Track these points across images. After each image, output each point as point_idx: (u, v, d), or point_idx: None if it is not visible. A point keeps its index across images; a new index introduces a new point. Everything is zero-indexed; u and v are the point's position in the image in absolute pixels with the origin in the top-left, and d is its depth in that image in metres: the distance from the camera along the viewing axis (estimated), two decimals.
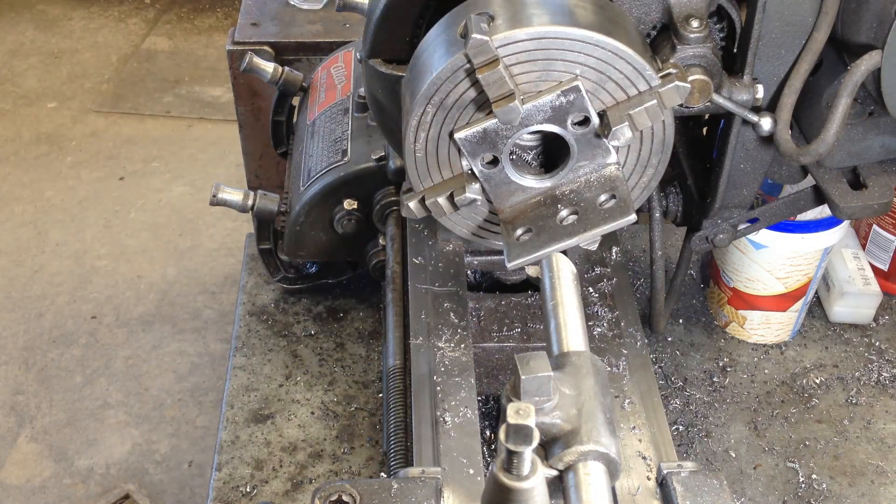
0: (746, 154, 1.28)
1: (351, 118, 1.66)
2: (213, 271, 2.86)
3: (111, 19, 3.99)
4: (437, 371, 1.23)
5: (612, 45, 0.98)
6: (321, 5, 2.09)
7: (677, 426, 1.55)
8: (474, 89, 1.00)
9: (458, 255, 1.41)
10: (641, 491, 1.08)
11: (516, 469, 0.79)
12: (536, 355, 0.92)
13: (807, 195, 1.36)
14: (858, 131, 1.24)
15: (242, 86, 1.98)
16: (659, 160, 1.09)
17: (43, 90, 3.59)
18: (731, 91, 1.18)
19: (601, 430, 0.93)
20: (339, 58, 1.82)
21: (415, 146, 1.05)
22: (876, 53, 1.09)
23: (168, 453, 2.42)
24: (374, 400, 1.59)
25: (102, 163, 3.26)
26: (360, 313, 1.76)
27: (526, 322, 1.37)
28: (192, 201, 3.10)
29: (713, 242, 1.39)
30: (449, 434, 1.15)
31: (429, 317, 1.32)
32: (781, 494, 1.47)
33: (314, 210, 1.61)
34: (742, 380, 1.64)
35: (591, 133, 1.04)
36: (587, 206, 1.06)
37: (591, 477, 0.91)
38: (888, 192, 1.29)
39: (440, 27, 1.05)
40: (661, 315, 1.53)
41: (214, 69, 3.67)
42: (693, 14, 1.12)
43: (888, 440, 1.55)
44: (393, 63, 1.19)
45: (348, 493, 1.01)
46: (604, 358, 1.25)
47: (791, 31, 1.15)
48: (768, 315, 1.67)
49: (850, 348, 1.70)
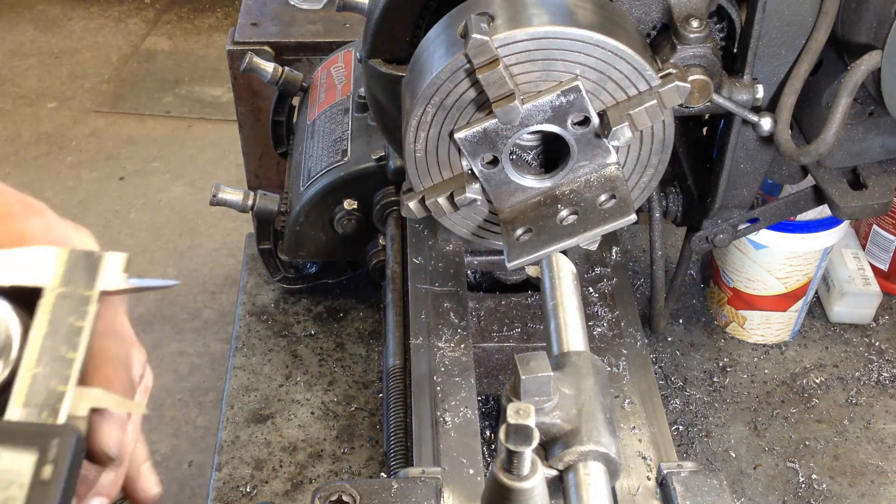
0: (746, 154, 1.28)
1: (351, 118, 1.66)
2: (213, 271, 2.86)
3: (111, 19, 3.99)
4: (437, 371, 1.23)
5: (612, 45, 0.98)
6: (321, 5, 2.08)
7: (677, 426, 1.55)
8: (474, 89, 1.00)
9: (458, 255, 1.41)
10: (641, 491, 1.08)
11: (516, 469, 0.79)
12: (536, 355, 0.91)
13: (807, 195, 1.36)
14: (858, 131, 1.24)
15: (242, 86, 1.98)
16: (659, 160, 1.09)
17: (43, 90, 3.59)
18: (731, 91, 1.18)
19: (601, 430, 0.93)
20: (339, 58, 1.82)
21: (415, 146, 1.05)
22: (876, 53, 1.09)
23: (168, 453, 2.41)
24: (374, 400, 1.59)
25: (102, 163, 3.26)
26: (360, 313, 1.76)
27: (526, 322, 1.37)
28: (192, 201, 3.09)
29: (713, 242, 1.39)
30: (449, 434, 1.15)
31: (429, 317, 1.31)
32: (781, 494, 1.47)
33: (314, 210, 1.61)
34: (742, 380, 1.64)
35: (591, 133, 1.04)
36: (587, 206, 1.06)
37: (591, 477, 0.91)
38: (888, 192, 1.29)
39: (440, 27, 1.05)
40: (661, 315, 1.53)
41: (214, 69, 3.67)
42: (693, 14, 1.12)
43: (888, 440, 1.55)
44: (393, 63, 1.19)
45: (348, 493, 1.01)
46: (604, 358, 1.25)
47: (791, 31, 1.15)
48: (768, 315, 1.67)
49: (850, 348, 1.70)
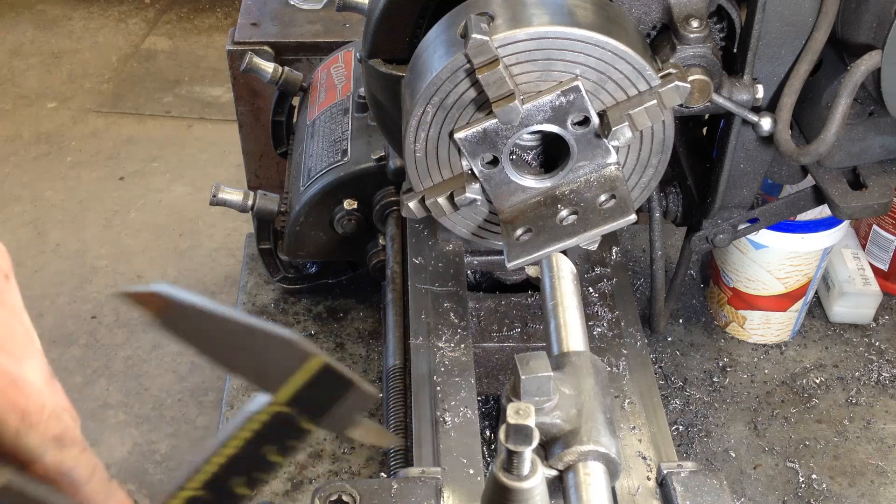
0: (746, 154, 1.28)
1: (351, 118, 1.66)
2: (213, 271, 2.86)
3: (111, 19, 3.99)
4: (437, 371, 1.23)
5: (612, 45, 0.98)
6: (321, 5, 2.08)
7: (677, 426, 1.55)
8: (474, 89, 1.00)
9: (458, 255, 1.41)
10: (641, 491, 1.08)
11: (516, 469, 0.79)
12: (536, 355, 0.92)
13: (807, 195, 1.36)
14: (858, 131, 1.24)
15: (242, 86, 1.98)
16: (659, 160, 1.10)
17: (43, 90, 3.59)
18: (731, 91, 1.18)
19: (601, 430, 0.93)
20: (339, 58, 1.82)
21: (415, 146, 1.05)
22: (876, 53, 1.09)
23: (168, 453, 2.41)
24: None
25: (102, 163, 3.26)
26: (360, 313, 1.75)
27: (526, 322, 1.37)
28: (192, 201, 3.09)
29: (713, 242, 1.39)
30: (449, 434, 1.15)
31: (429, 317, 1.31)
32: (781, 494, 1.47)
33: (314, 210, 1.60)
34: (742, 380, 1.64)
35: (591, 133, 1.04)
36: (587, 206, 1.06)
37: (591, 477, 0.91)
38: (888, 192, 1.29)
39: (440, 27, 1.05)
40: (661, 315, 1.53)
41: (214, 69, 3.67)
42: (693, 14, 1.12)
43: (888, 440, 1.55)
44: (393, 63, 1.19)
45: (348, 493, 1.01)
46: (604, 358, 1.25)
47: (791, 31, 1.15)
48: (768, 315, 1.67)
49: (850, 348, 1.70)
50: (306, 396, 0.71)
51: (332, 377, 0.71)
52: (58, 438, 0.70)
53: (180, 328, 0.69)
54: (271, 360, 0.70)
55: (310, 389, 0.71)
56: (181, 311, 0.69)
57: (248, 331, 0.70)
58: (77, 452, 0.72)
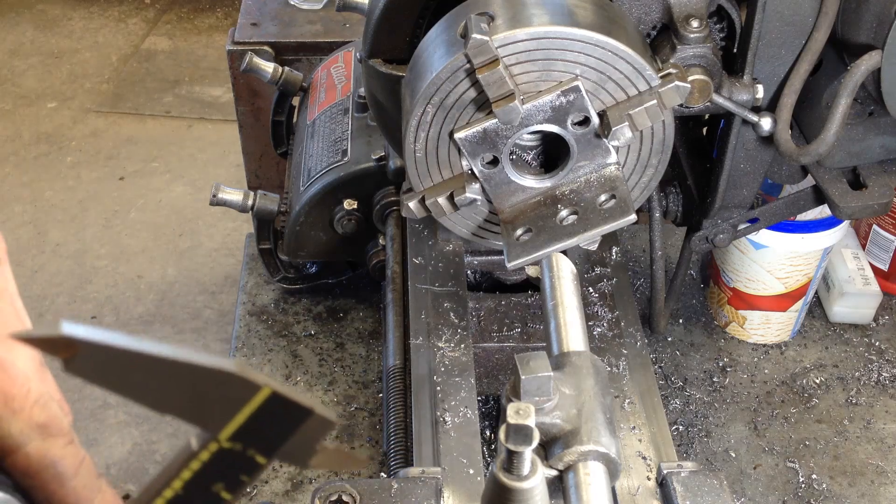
0: (746, 154, 1.28)
1: (351, 118, 1.66)
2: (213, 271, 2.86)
3: (111, 19, 3.99)
4: (437, 371, 1.23)
5: (612, 45, 0.98)
6: (321, 5, 2.08)
7: (677, 426, 1.55)
8: (474, 89, 1.00)
9: (458, 255, 1.41)
10: (641, 491, 1.08)
11: (516, 469, 0.79)
12: (536, 355, 0.92)
13: (807, 195, 1.36)
14: (858, 131, 1.24)
15: (242, 86, 1.98)
16: (659, 160, 1.09)
17: (43, 90, 3.59)
18: (731, 91, 1.18)
19: (601, 430, 0.93)
20: (339, 58, 1.82)
21: (415, 146, 1.05)
22: (876, 53, 1.09)
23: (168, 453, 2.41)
24: (374, 400, 1.59)
25: (102, 163, 3.26)
26: (360, 313, 1.75)
27: (526, 322, 1.37)
28: (192, 201, 3.09)
29: (713, 242, 1.39)
30: (449, 434, 1.15)
31: (429, 317, 1.31)
32: (781, 494, 1.47)
33: (314, 210, 1.61)
34: (742, 380, 1.64)
35: (591, 133, 1.04)
36: (587, 206, 1.06)
37: (591, 477, 0.91)
38: (888, 192, 1.29)
39: (440, 27, 1.05)
40: (661, 315, 1.53)
41: (214, 69, 3.67)
42: (693, 14, 1.12)
43: (888, 440, 1.55)
44: (393, 63, 1.19)
45: (348, 493, 1.01)
46: (604, 358, 1.25)
47: (791, 31, 1.15)
48: (768, 315, 1.67)
49: (850, 348, 1.70)
50: (254, 430, 0.64)
51: (283, 407, 0.63)
52: (43, 427, 0.67)
53: (96, 373, 0.61)
54: (209, 396, 0.62)
55: (257, 422, 0.63)
56: (94, 353, 0.59)
57: (177, 367, 0.61)
58: (63, 444, 0.68)
